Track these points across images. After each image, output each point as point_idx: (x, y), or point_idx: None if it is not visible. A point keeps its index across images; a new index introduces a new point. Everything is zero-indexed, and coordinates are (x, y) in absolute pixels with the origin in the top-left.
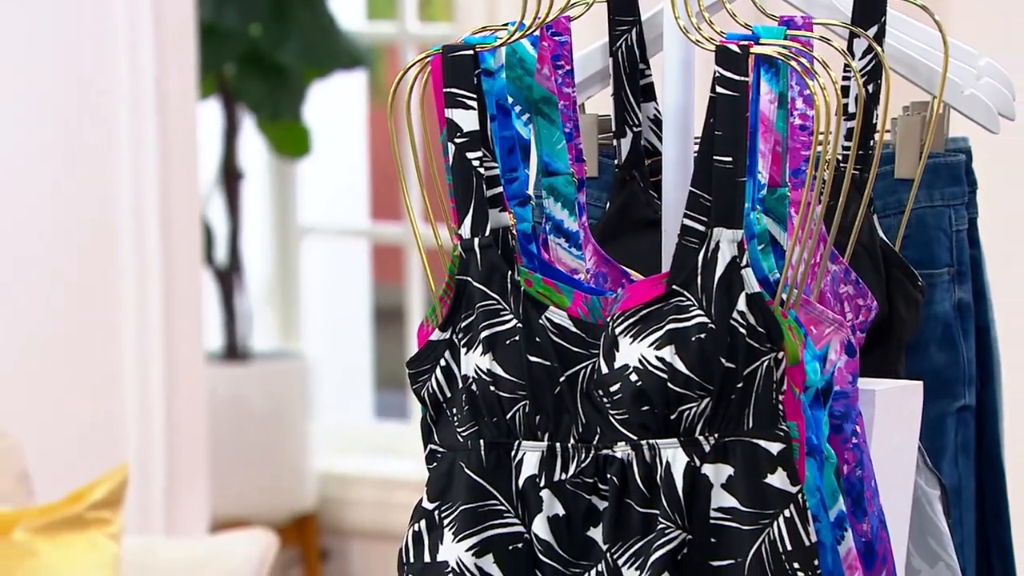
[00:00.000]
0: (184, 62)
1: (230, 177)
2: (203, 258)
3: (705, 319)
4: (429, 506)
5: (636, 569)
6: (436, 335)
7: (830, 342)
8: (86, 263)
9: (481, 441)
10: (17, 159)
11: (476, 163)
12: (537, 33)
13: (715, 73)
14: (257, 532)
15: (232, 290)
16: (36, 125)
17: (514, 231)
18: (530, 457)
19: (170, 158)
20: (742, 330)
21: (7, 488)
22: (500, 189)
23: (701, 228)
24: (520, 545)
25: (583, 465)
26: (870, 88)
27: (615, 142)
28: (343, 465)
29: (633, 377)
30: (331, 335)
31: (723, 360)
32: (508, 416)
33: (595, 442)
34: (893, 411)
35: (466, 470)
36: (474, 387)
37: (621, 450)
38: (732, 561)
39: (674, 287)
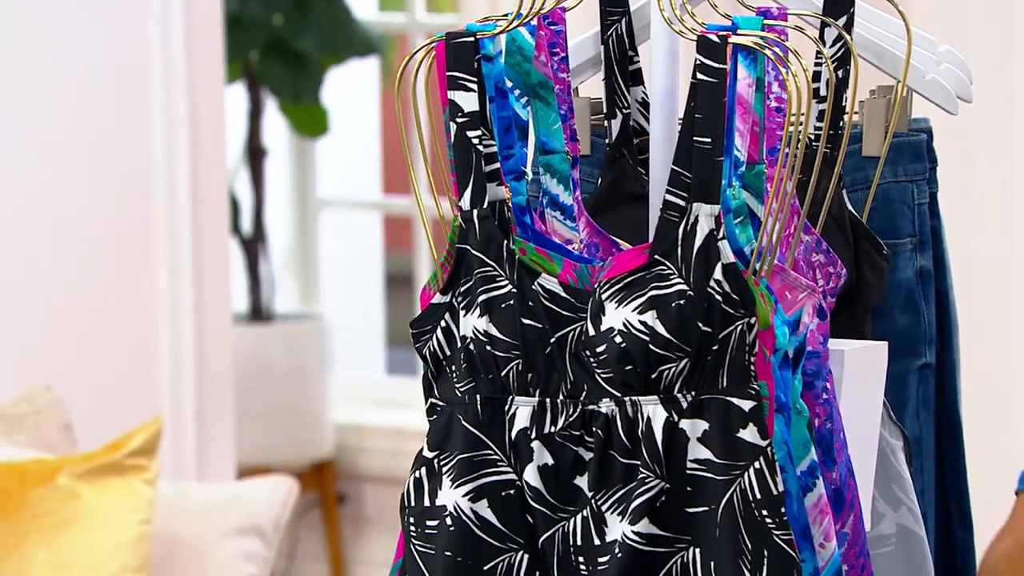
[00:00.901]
0: (212, 50)
1: (254, 154)
2: (230, 228)
3: (684, 287)
4: (429, 455)
5: (618, 515)
6: (437, 298)
7: (803, 306)
8: (124, 232)
9: (477, 396)
10: (61, 137)
11: (475, 141)
12: (535, 22)
13: (696, 61)
14: (279, 478)
15: (256, 257)
16: (79, 107)
17: (510, 203)
18: (522, 411)
19: (200, 137)
20: (718, 297)
21: (52, 438)
22: (497, 165)
23: (682, 203)
24: (512, 492)
25: (571, 419)
26: (840, 73)
27: (606, 123)
28: (358, 416)
29: (618, 339)
30: (347, 298)
31: (700, 324)
32: (503, 373)
33: (582, 398)
34: (860, 369)
35: (463, 422)
36: (472, 347)
37: (606, 406)
38: (706, 508)
39: (656, 257)
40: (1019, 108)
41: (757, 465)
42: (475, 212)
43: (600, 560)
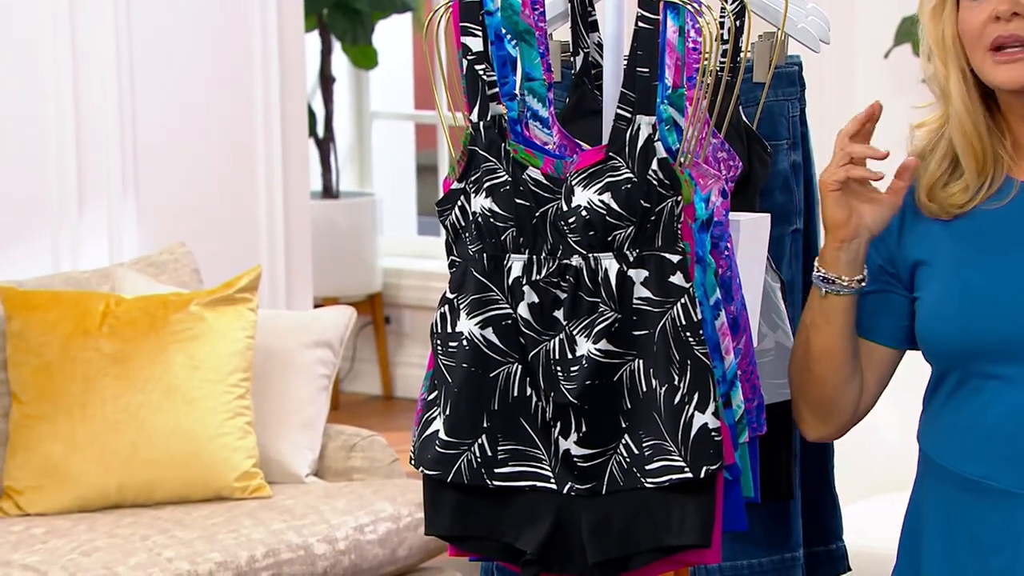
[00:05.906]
0: (295, 8)
1: (325, 80)
2: (308, 131)
3: (631, 175)
4: (450, 296)
5: (585, 337)
6: (455, 185)
7: (712, 189)
8: (235, 133)
9: (484, 254)
10: (193, 66)
11: (481, 72)
12: None
13: (637, 14)
14: (343, 307)
15: (327, 152)
16: (206, 45)
17: (505, 117)
18: (516, 265)
19: (287, 67)
20: (654, 182)
21: (185, 279)
22: (496, 90)
23: (628, 115)
24: (510, 321)
25: (551, 270)
26: (738, 23)
27: (572, 59)
28: (398, 263)
29: (584, 213)
30: (390, 182)
31: (642, 202)
32: (502, 238)
33: (559, 255)
34: (751, 233)
35: (474, 273)
36: (480, 219)
37: (576, 260)
38: (647, 331)
39: (610, 154)
40: (857, 50)
41: (683, 301)
42: (481, 123)
43: (572, 369)
